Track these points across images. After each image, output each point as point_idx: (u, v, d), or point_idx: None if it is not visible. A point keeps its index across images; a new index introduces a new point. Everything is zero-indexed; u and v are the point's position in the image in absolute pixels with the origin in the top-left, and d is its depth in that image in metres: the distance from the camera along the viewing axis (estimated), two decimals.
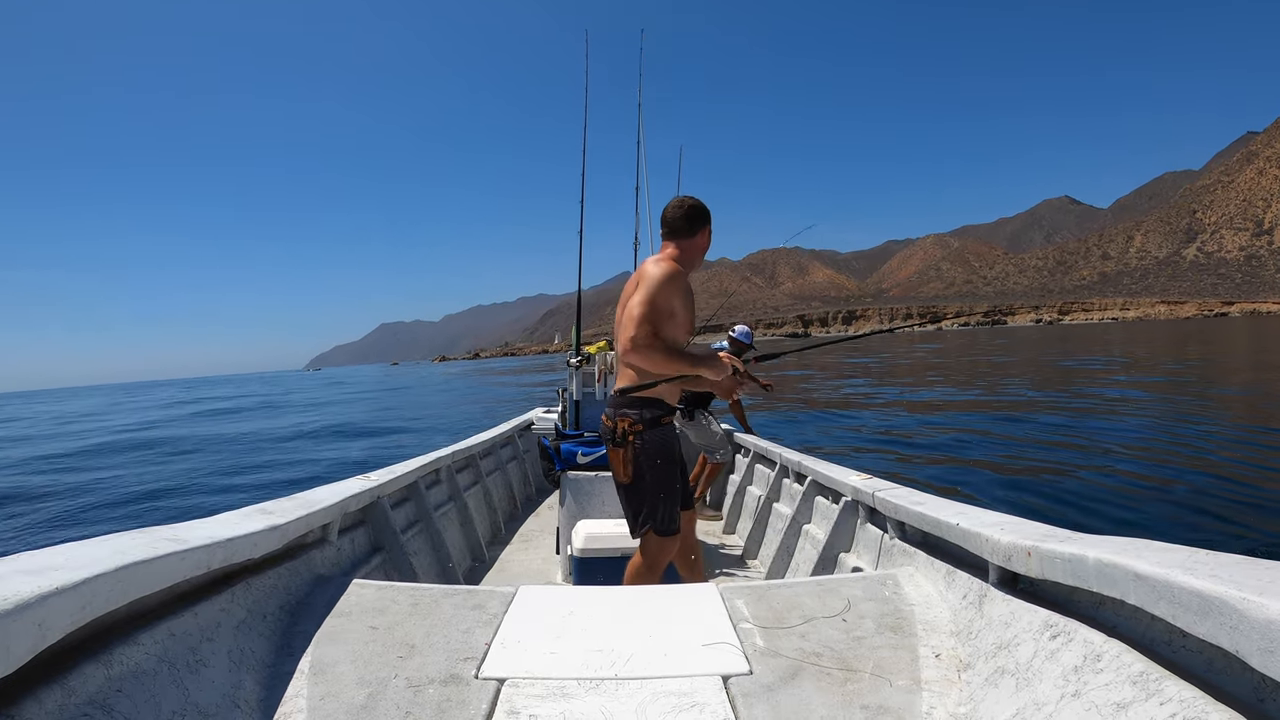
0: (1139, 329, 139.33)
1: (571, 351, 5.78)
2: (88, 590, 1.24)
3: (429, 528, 3.70)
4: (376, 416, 27.67)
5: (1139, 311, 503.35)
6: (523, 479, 6.46)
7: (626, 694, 1.63)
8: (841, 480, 3.28)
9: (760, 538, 4.56)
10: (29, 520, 10.00)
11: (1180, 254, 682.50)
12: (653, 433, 2.67)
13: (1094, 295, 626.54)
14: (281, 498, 2.43)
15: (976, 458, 10.29)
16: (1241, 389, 18.47)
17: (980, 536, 1.96)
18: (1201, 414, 13.17)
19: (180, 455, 17.24)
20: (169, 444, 19.86)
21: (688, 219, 2.76)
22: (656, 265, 2.64)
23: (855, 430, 14.30)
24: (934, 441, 12.09)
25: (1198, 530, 6.07)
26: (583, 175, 6.46)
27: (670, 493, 2.71)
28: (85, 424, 32.31)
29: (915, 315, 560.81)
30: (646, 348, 2.54)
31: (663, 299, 2.59)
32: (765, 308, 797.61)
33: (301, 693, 1.63)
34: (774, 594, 2.20)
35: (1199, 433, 11.05)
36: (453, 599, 2.14)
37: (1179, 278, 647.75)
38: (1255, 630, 1.05)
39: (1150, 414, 13.69)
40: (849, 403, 19.84)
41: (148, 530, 1.67)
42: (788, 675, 1.72)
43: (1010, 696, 1.53)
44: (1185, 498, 7.19)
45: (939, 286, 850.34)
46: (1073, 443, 10.82)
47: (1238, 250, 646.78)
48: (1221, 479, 7.84)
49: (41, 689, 1.17)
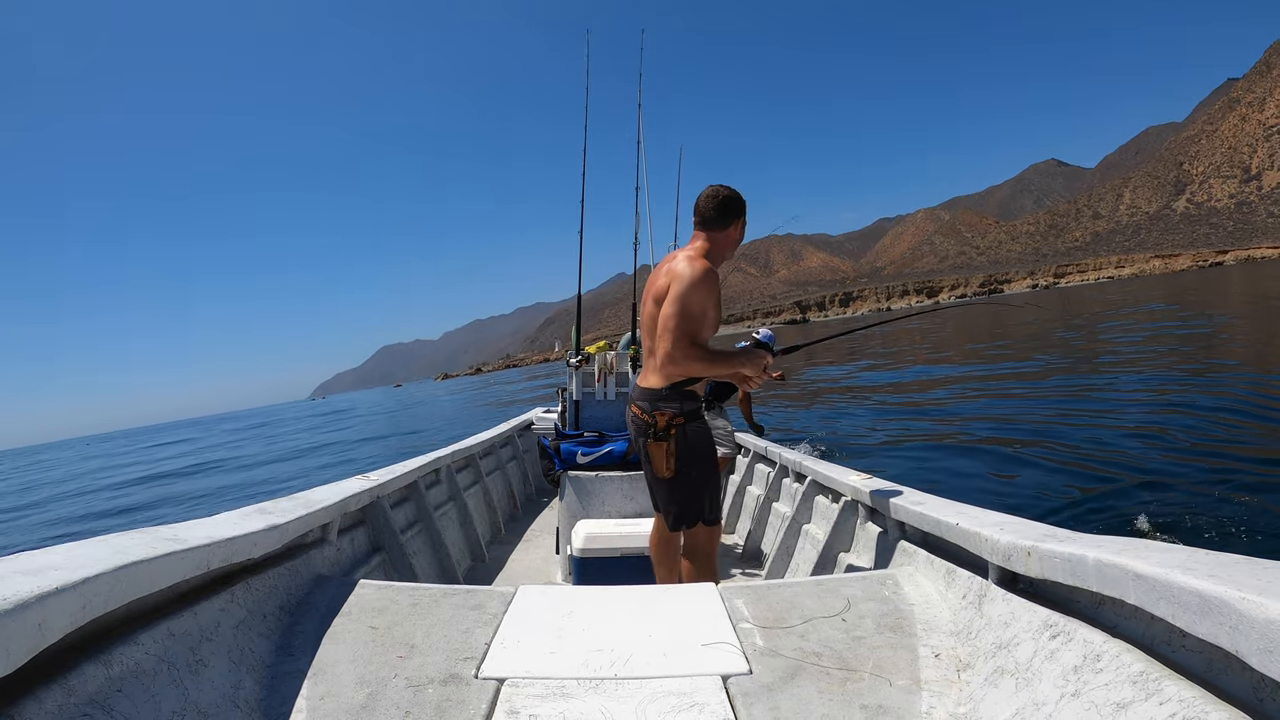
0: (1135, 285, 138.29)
1: (571, 352, 5.77)
2: (88, 590, 1.24)
3: (429, 528, 3.70)
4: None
5: (1134, 269, 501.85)
6: (523, 479, 6.44)
7: (626, 694, 1.63)
8: (841, 480, 3.27)
9: (760, 537, 4.55)
10: (29, 520, 9.83)
11: (1170, 207, 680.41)
12: (695, 425, 2.65)
13: (1088, 256, 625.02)
14: (281, 498, 2.43)
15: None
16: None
17: (980, 536, 1.96)
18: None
19: None
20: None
21: (720, 209, 2.69)
22: (690, 264, 2.58)
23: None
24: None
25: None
26: (583, 176, 6.45)
27: (716, 482, 2.73)
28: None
29: (911, 291, 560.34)
30: (685, 359, 2.53)
31: (696, 304, 2.54)
32: (762, 296, 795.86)
33: (301, 693, 1.63)
34: (774, 594, 2.20)
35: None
36: (452, 599, 2.15)
37: (1171, 230, 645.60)
38: (1255, 630, 1.05)
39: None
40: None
41: (148, 530, 1.67)
42: (787, 675, 1.72)
43: (1010, 696, 1.53)
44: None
45: (933, 261, 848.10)
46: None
47: (1227, 198, 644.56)
48: None
49: (42, 689, 1.17)
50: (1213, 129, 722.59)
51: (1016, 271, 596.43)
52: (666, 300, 2.57)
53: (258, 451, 29.39)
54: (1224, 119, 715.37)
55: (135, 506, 17.95)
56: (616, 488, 4.03)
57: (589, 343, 5.92)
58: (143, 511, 16.54)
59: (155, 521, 11.11)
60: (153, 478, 25.70)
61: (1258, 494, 6.00)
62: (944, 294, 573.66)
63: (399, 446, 21.33)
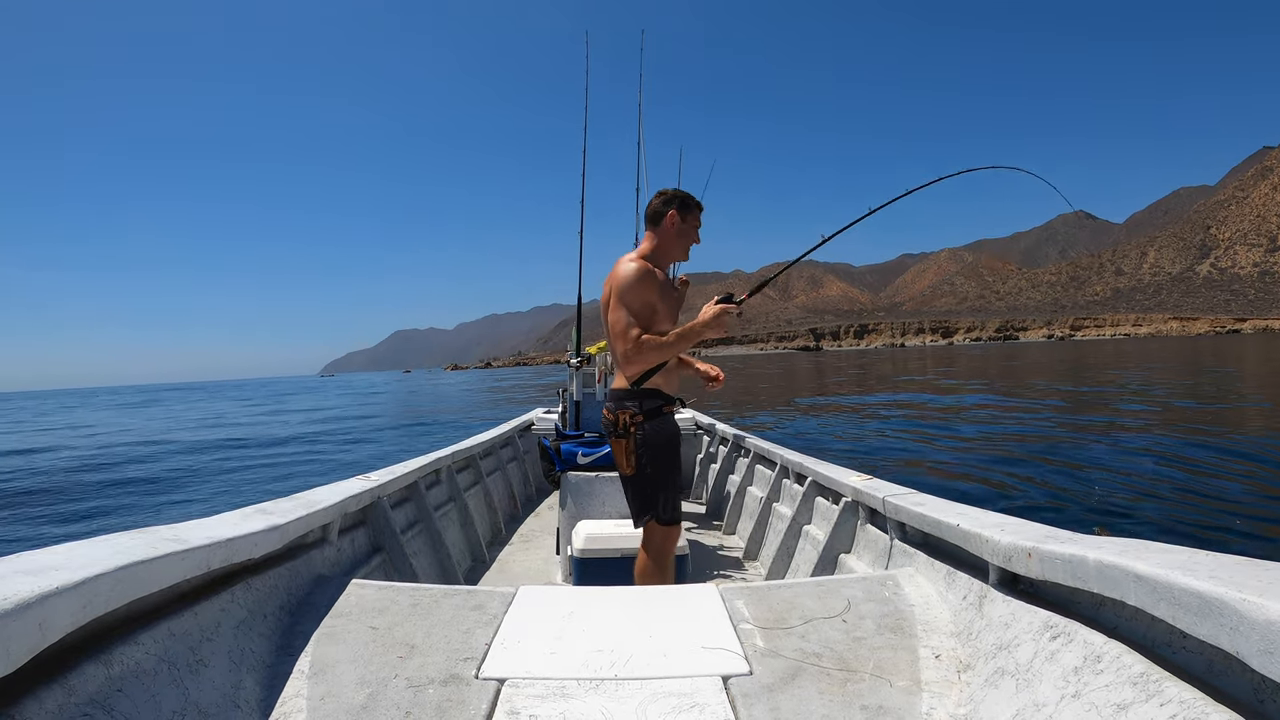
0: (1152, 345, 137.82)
1: (572, 352, 5.76)
2: (88, 590, 1.24)
3: (429, 528, 3.71)
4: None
5: (1151, 328, 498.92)
6: (523, 479, 6.45)
7: (627, 694, 1.63)
8: (842, 481, 3.28)
9: (760, 538, 4.54)
10: (29, 520, 10.04)
11: (1194, 270, 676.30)
12: (654, 423, 2.72)
13: (1107, 311, 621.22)
14: (281, 498, 2.43)
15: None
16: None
17: (980, 537, 1.96)
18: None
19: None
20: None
21: (655, 209, 2.81)
22: (624, 266, 2.69)
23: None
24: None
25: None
26: (583, 177, 6.46)
27: (672, 481, 2.77)
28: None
29: (926, 330, 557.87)
30: (639, 354, 2.62)
31: (636, 301, 2.64)
32: (778, 320, 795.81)
33: (301, 693, 1.63)
34: (774, 595, 2.20)
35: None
36: (453, 599, 2.14)
37: (1192, 294, 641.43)
38: (1255, 631, 1.05)
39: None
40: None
41: (148, 530, 1.68)
42: (788, 676, 1.72)
43: (1010, 697, 1.53)
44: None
45: (952, 301, 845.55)
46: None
47: (1251, 266, 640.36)
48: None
49: (42, 689, 1.17)
50: (1243, 195, 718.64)
51: (1034, 320, 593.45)
52: (610, 307, 2.70)
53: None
54: (1255, 187, 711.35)
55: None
56: (617, 488, 3.97)
57: (590, 343, 5.92)
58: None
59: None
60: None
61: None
62: (959, 335, 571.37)
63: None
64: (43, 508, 11.22)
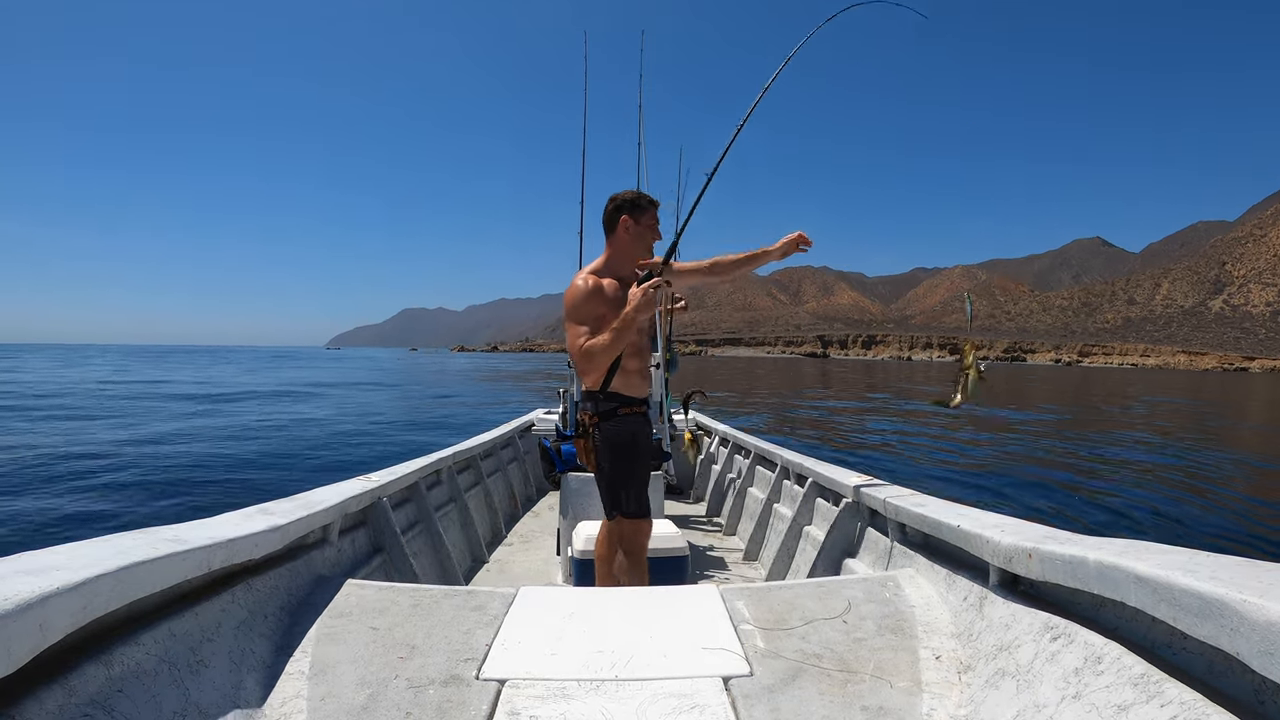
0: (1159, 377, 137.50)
1: None
2: (89, 590, 1.24)
3: (429, 528, 3.71)
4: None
5: (1159, 360, 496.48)
6: (523, 480, 6.46)
7: (627, 695, 1.63)
8: (842, 482, 3.29)
9: (761, 539, 4.55)
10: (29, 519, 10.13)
11: (1206, 305, 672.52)
12: (610, 424, 2.82)
13: (1116, 339, 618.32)
14: (282, 498, 2.44)
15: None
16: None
17: (981, 538, 1.96)
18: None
19: None
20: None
21: (608, 218, 2.88)
22: (570, 288, 2.78)
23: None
24: None
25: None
26: (583, 177, 6.44)
27: (629, 477, 2.84)
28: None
29: (935, 345, 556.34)
30: (588, 357, 2.69)
31: (585, 316, 2.72)
32: (787, 325, 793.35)
33: (302, 693, 1.63)
34: (774, 595, 2.20)
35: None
36: (453, 600, 2.15)
37: (1202, 328, 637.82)
38: (1255, 632, 1.05)
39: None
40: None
41: (149, 530, 1.68)
42: (788, 677, 1.72)
43: (1011, 698, 1.53)
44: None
45: (962, 318, 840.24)
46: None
47: (1264, 306, 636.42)
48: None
49: (42, 689, 1.17)
50: (1261, 234, 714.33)
51: (1043, 343, 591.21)
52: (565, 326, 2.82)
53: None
54: (1274, 226, 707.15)
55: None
56: None
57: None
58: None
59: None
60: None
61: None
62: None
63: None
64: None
